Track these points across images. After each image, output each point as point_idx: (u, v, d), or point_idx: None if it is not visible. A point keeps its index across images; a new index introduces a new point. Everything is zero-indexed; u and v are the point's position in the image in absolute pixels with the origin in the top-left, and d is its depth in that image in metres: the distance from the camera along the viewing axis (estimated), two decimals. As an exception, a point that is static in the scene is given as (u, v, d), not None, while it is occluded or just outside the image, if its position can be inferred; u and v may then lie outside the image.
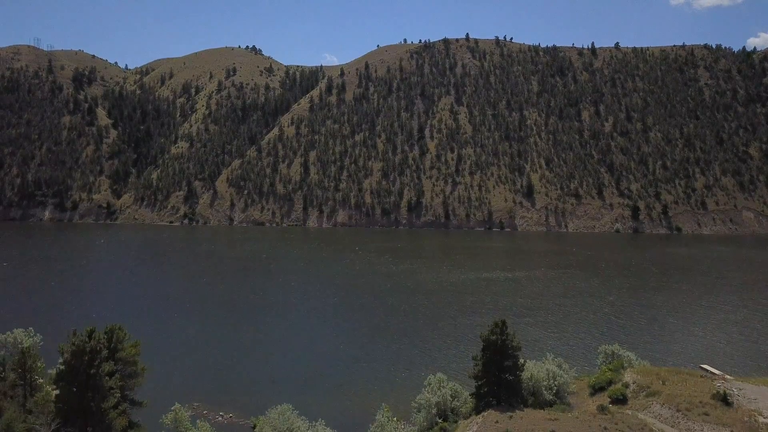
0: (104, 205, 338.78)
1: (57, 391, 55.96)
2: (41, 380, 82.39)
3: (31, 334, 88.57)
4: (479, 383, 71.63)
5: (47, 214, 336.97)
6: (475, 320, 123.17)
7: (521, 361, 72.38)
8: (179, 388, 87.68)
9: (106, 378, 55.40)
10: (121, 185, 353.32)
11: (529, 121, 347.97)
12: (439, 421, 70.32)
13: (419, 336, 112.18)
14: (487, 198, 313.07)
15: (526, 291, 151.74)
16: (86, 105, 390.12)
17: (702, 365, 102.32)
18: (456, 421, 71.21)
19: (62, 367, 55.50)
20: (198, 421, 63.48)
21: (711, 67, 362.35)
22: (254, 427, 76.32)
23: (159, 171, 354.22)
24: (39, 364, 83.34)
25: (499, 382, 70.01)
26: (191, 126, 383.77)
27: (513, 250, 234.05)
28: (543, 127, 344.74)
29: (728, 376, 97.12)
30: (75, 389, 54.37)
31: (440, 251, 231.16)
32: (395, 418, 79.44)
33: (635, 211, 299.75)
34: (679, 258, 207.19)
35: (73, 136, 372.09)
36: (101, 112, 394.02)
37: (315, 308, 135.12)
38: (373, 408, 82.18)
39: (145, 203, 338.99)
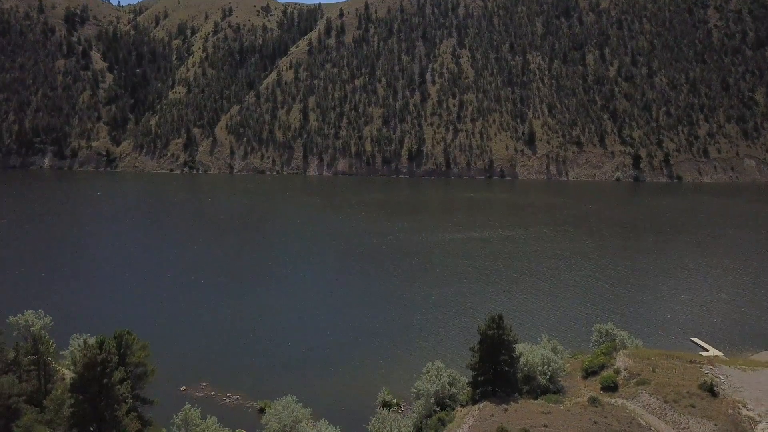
0: (104, 152, 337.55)
1: (71, 398, 58.35)
2: (55, 364, 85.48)
3: (41, 316, 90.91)
4: (476, 374, 74.53)
5: (47, 162, 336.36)
6: (472, 288, 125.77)
7: (516, 353, 74.93)
8: (187, 368, 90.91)
9: (118, 387, 57.69)
10: (119, 132, 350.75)
11: (532, 66, 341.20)
12: (437, 409, 73.54)
13: (417, 308, 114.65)
14: (488, 146, 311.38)
15: (522, 252, 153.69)
16: (80, 48, 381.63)
17: (693, 338, 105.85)
18: (453, 409, 74.48)
19: (75, 377, 57.65)
20: (208, 416, 66.39)
21: (721, 7, 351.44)
22: (261, 409, 79.96)
23: (157, 117, 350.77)
24: (51, 348, 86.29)
25: (496, 373, 72.77)
26: (188, 70, 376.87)
27: (512, 203, 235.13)
28: (546, 72, 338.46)
29: (718, 352, 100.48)
30: (88, 399, 56.77)
31: (439, 206, 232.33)
32: (395, 400, 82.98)
33: (636, 159, 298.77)
34: (676, 212, 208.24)
35: (69, 81, 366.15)
36: (96, 56, 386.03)
37: (314, 277, 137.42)
38: (375, 387, 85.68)
39: (144, 151, 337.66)
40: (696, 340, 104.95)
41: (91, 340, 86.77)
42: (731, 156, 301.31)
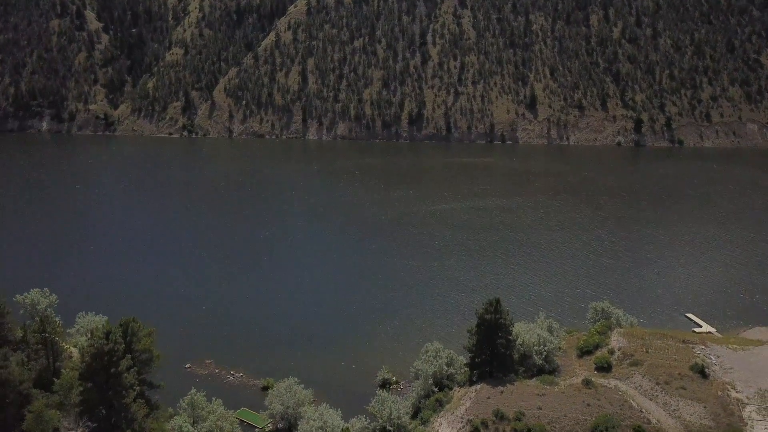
0: (101, 116, 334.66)
1: (80, 386, 60.08)
2: (62, 343, 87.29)
3: (47, 295, 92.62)
4: (473, 355, 76.47)
5: (44, 125, 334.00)
6: (470, 262, 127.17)
7: (513, 336, 76.63)
8: (191, 345, 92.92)
9: (125, 375, 59.38)
10: (117, 95, 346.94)
11: (534, 26, 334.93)
12: (435, 390, 75.78)
13: (416, 283, 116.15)
14: (489, 109, 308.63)
15: (519, 224, 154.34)
16: (74, 7, 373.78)
17: (687, 314, 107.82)
18: (451, 389, 76.67)
19: (83, 367, 59.23)
20: (213, 399, 68.42)
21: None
22: (264, 387, 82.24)
23: (155, 80, 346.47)
24: (58, 327, 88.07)
25: (492, 355, 74.69)
26: (185, 31, 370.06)
27: (511, 169, 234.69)
28: (549, 33, 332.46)
29: (711, 329, 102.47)
30: (97, 386, 58.51)
31: (439, 172, 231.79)
32: (394, 378, 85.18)
33: (638, 123, 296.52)
34: (675, 179, 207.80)
35: (64, 42, 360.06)
36: (90, 15, 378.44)
37: (313, 252, 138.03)
38: (374, 364, 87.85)
39: (142, 114, 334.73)
40: (690, 315, 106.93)
41: (100, 322, 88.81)
42: (733, 120, 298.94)
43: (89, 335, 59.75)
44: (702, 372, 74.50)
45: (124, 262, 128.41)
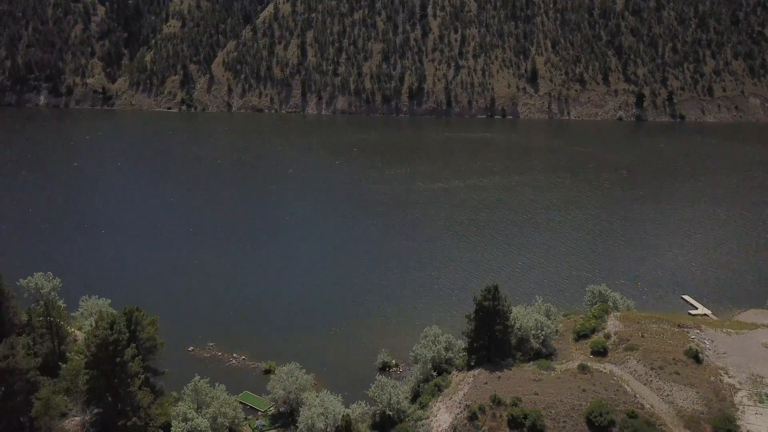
0: (99, 90, 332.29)
1: (86, 374, 61.34)
2: (67, 327, 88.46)
3: (50, 278, 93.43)
4: (471, 340, 77.73)
5: (42, 99, 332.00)
6: (469, 243, 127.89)
7: (510, 321, 77.76)
8: (193, 328, 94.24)
9: (130, 364, 60.59)
10: (114, 68, 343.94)
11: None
12: (434, 374, 77.22)
13: (415, 264, 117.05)
14: (490, 83, 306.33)
15: (518, 202, 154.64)
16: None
17: (684, 296, 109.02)
18: (450, 372, 78.11)
19: (89, 356, 60.35)
20: (216, 384, 69.83)
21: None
22: (266, 370, 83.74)
23: (152, 53, 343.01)
24: (62, 311, 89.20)
25: (490, 341, 75.91)
26: (182, 2, 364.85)
27: (511, 145, 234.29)
28: (551, 5, 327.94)
29: (707, 311, 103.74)
30: (103, 374, 59.76)
31: (439, 148, 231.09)
32: (394, 361, 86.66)
33: (640, 98, 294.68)
34: (675, 155, 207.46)
35: (59, 14, 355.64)
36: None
37: (312, 231, 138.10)
38: (374, 347, 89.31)
39: (140, 88, 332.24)
40: (686, 297, 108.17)
41: (103, 306, 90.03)
42: (736, 95, 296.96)
43: (94, 325, 60.73)
44: (696, 357, 75.78)
45: (124, 243, 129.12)
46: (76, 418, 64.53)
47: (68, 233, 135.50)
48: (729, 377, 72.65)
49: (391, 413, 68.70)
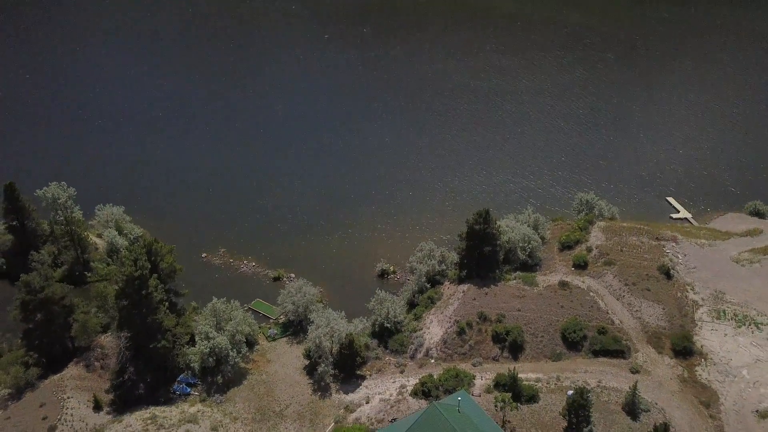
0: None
1: (115, 305, 68.65)
2: (87, 235, 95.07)
3: (65, 188, 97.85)
4: (462, 257, 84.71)
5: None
6: (463, 140, 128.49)
7: (499, 242, 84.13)
8: (204, 234, 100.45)
9: (155, 293, 67.84)
10: None
11: None
12: (428, 286, 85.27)
13: (410, 166, 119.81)
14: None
15: (513, 89, 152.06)
16: None
17: (668, 198, 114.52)
18: (442, 283, 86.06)
19: (117, 289, 67.40)
20: (232, 301, 77.60)
21: None
22: (276, 278, 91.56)
23: None
24: (81, 222, 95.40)
25: (480, 259, 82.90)
26: None
27: (509, 15, 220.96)
28: None
29: (688, 214, 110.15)
30: (132, 305, 67.32)
31: (433, 18, 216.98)
32: (392, 268, 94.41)
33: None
34: (676, 29, 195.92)
35: None
36: None
37: (309, 128, 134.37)
38: (374, 250, 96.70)
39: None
40: (670, 199, 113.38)
41: (118, 213, 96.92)
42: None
43: (119, 261, 66.77)
44: (667, 273, 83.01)
45: (129, 143, 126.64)
46: (111, 336, 72.94)
47: (69, 135, 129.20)
48: (694, 293, 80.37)
49: (389, 325, 77.26)
